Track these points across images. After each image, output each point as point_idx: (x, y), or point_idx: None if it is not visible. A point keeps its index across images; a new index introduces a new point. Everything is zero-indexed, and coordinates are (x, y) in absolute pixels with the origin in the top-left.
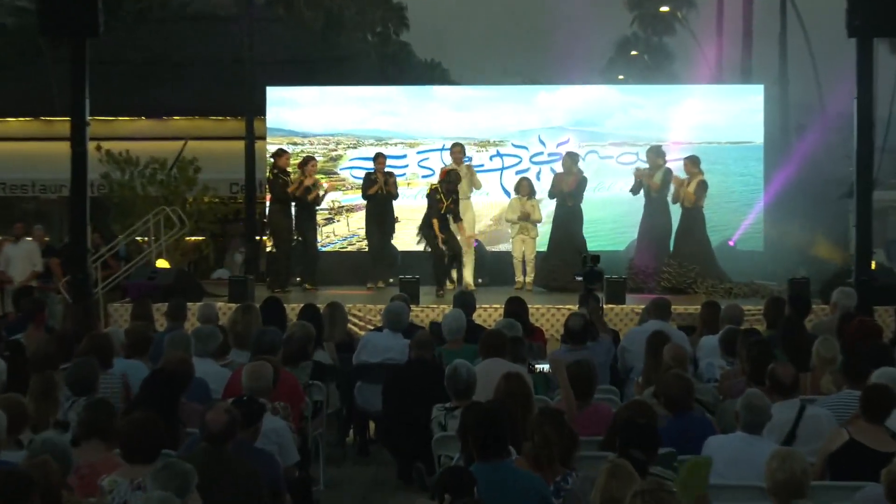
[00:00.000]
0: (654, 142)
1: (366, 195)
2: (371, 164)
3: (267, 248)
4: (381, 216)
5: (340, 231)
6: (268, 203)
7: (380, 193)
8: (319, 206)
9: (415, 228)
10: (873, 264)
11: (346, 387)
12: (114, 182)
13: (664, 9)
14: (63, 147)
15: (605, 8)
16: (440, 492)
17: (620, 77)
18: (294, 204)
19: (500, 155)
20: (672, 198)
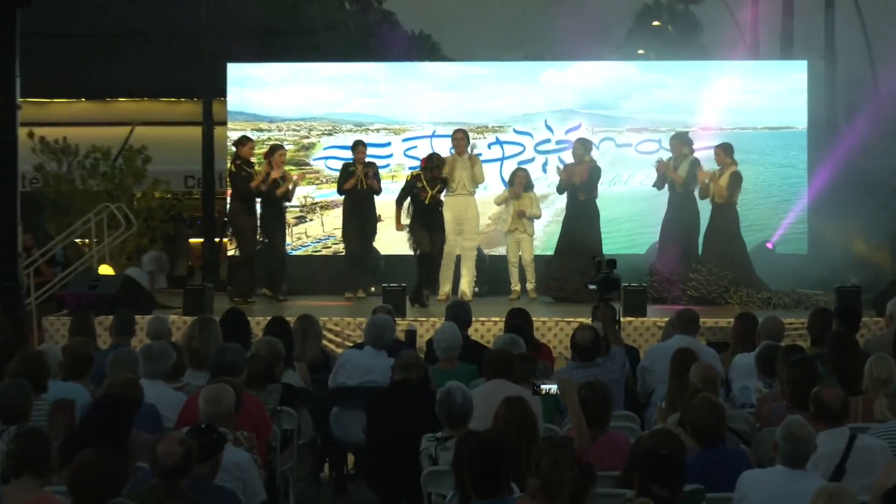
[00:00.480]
0: (680, 127)
1: (343, 190)
2: (349, 154)
3: (228, 252)
4: (360, 214)
5: (313, 232)
6: (228, 199)
7: (359, 188)
8: (289, 203)
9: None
10: None
11: (321, 413)
12: (49, 174)
13: None
14: None
15: None
16: None
17: (640, 52)
18: (259, 200)
19: (499, 143)
20: (700, 193)
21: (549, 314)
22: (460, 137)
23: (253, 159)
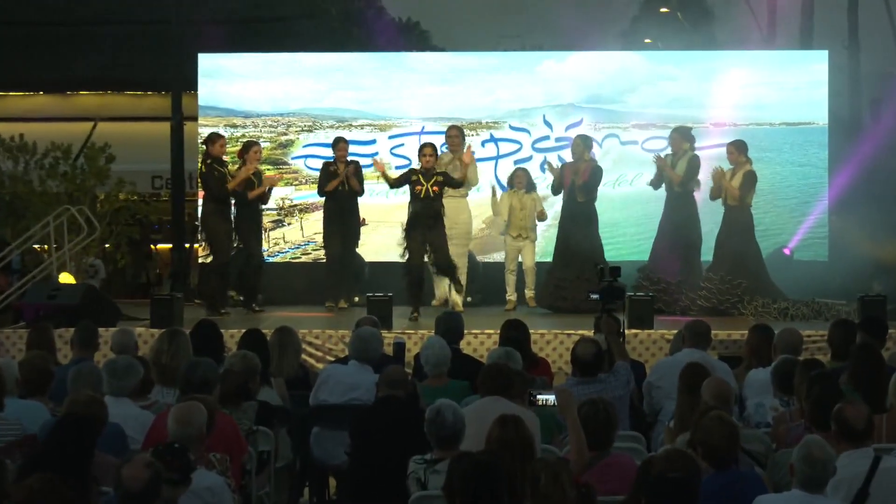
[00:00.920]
0: (691, 122)
1: (324, 191)
2: (330, 152)
3: (199, 259)
4: (342, 218)
5: (292, 237)
6: (200, 201)
7: (341, 189)
8: (265, 206)
9: (386, 232)
10: None
11: (300, 434)
12: (3, 174)
13: None
14: None
15: None
16: None
17: (647, 41)
18: (234, 202)
19: (494, 140)
20: (712, 194)
21: (548, 326)
22: (455, 135)
23: (226, 158)
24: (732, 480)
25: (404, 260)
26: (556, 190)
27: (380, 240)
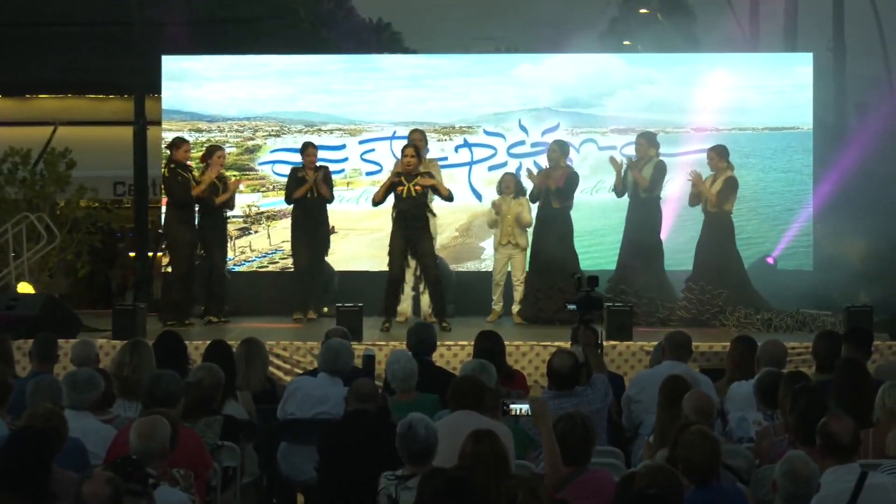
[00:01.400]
0: (671, 127)
1: (291, 198)
2: (299, 158)
3: (162, 268)
4: (311, 225)
5: (258, 245)
6: (163, 208)
7: (310, 196)
8: (231, 213)
9: (356, 240)
10: None
11: (267, 449)
12: None
13: None
14: None
15: None
16: None
17: (626, 43)
18: (198, 209)
19: (468, 145)
20: (691, 200)
21: (524, 338)
22: (418, 139)
23: (190, 163)
24: (714, 497)
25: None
26: (534, 197)
27: (350, 248)
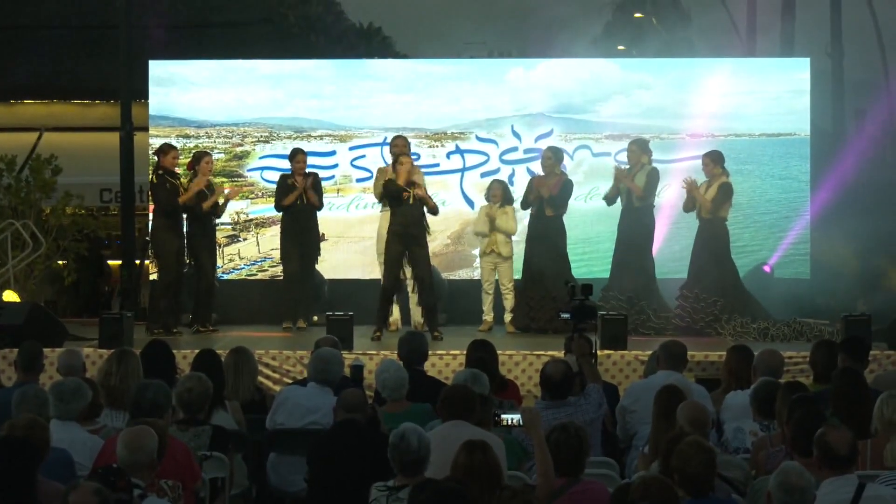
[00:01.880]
0: (666, 133)
1: (281, 205)
2: (288, 164)
3: (150, 276)
4: (301, 233)
5: (247, 253)
6: (150, 215)
7: (299, 203)
8: (219, 220)
9: (347, 248)
10: None
11: (256, 459)
12: None
13: None
14: None
15: None
16: None
17: (621, 47)
18: (185, 216)
19: (460, 152)
20: (686, 206)
21: (517, 347)
22: (402, 145)
23: (177, 170)
24: None
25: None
26: (524, 204)
27: (340, 256)
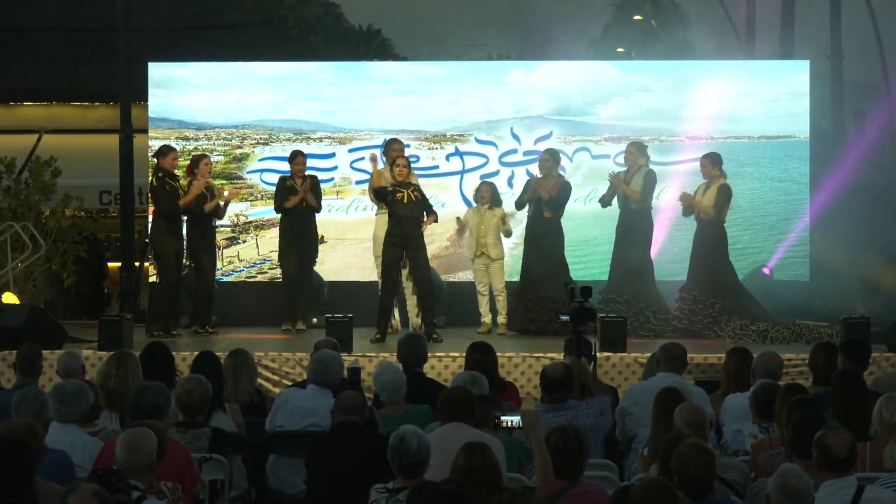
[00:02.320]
0: (665, 135)
1: (280, 207)
2: (287, 166)
3: (150, 278)
4: (300, 235)
5: (247, 255)
6: (150, 218)
7: (299, 205)
8: (219, 222)
9: (346, 250)
10: None
11: (256, 461)
12: None
13: None
14: None
15: None
16: None
17: (620, 50)
18: (185, 219)
19: (459, 154)
20: (684, 209)
21: (516, 349)
22: (398, 149)
23: (177, 172)
24: None
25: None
26: (519, 205)
27: (339, 258)
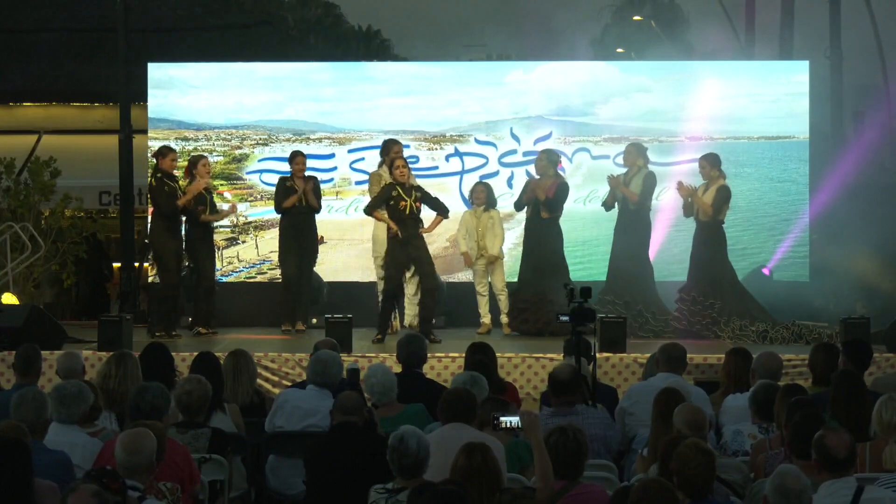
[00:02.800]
0: (665, 136)
1: (280, 208)
2: (287, 167)
3: (149, 279)
4: (299, 235)
5: (246, 255)
6: (149, 218)
7: (298, 205)
8: (220, 222)
9: (346, 251)
10: None
11: (255, 462)
12: None
13: None
14: None
15: None
16: None
17: (619, 50)
18: (185, 219)
19: (459, 154)
20: (684, 210)
21: (516, 349)
22: (397, 150)
23: (176, 172)
24: None
25: (381, 279)
26: (518, 206)
27: (339, 258)
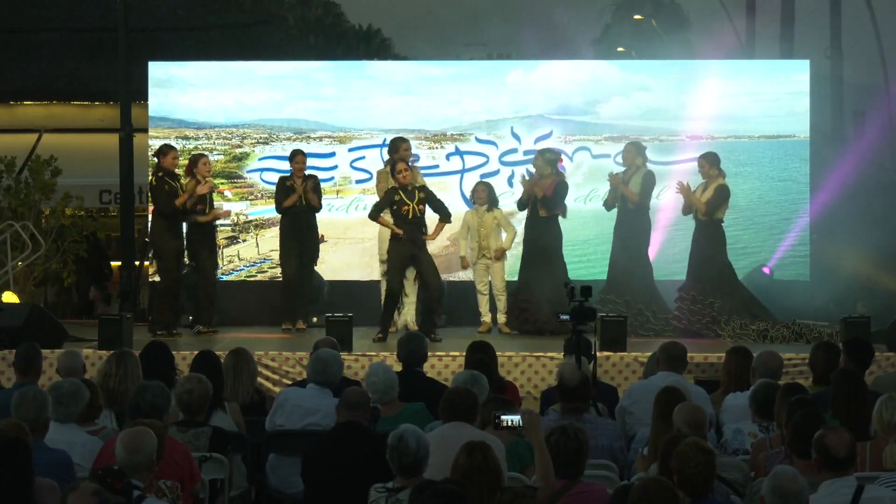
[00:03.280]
0: (665, 135)
1: (281, 207)
2: (287, 166)
3: (150, 278)
4: (300, 234)
5: (247, 254)
6: (150, 217)
7: (299, 204)
8: (220, 221)
9: (346, 250)
10: None
11: (256, 461)
12: None
13: None
14: None
15: None
16: None
17: (620, 49)
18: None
19: (459, 153)
20: (684, 209)
21: (516, 348)
22: (406, 148)
23: (177, 171)
24: None
25: (384, 279)
26: (521, 206)
27: (340, 257)
